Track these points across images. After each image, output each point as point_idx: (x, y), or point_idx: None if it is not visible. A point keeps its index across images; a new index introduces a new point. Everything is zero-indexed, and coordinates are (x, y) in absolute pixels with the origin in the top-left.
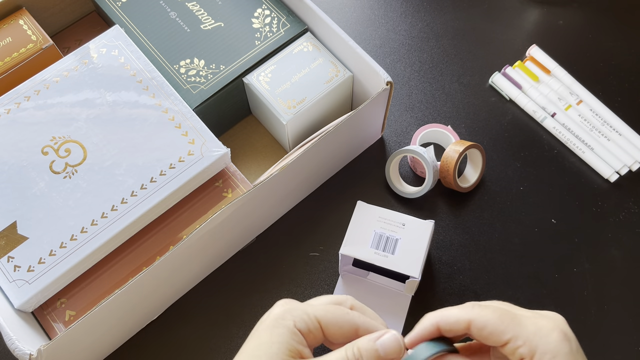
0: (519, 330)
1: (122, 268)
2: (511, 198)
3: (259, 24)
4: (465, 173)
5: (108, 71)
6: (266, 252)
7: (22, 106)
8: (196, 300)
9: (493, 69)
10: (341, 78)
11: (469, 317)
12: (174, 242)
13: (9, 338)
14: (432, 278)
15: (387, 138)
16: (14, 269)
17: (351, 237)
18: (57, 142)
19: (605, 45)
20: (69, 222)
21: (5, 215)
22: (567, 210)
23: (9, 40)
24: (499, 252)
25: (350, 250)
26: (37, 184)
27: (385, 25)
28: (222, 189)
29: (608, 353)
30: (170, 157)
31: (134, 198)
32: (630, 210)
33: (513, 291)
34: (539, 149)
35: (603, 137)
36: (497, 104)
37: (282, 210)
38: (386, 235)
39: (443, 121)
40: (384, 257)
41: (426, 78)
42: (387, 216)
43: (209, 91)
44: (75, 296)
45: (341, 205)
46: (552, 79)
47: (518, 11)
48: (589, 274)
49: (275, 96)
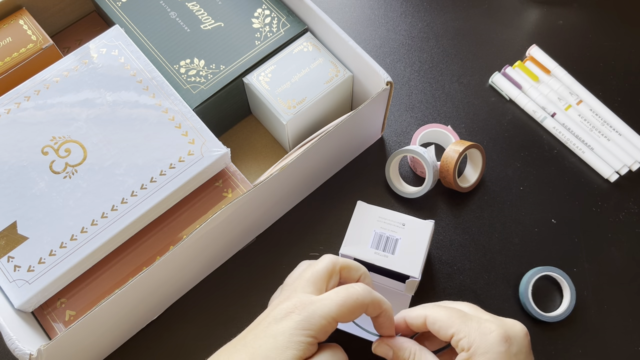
0: (463, 327)
1: (122, 268)
2: (511, 198)
3: (259, 24)
4: (465, 173)
5: (108, 71)
6: (266, 252)
7: (22, 106)
8: (196, 300)
9: (493, 69)
10: (341, 78)
11: (425, 313)
12: (174, 242)
13: (9, 338)
14: (432, 278)
15: (387, 138)
16: (14, 269)
17: (351, 237)
18: (57, 142)
19: (605, 45)
20: (69, 222)
21: (5, 215)
22: (567, 210)
23: (9, 40)
24: (499, 252)
25: (350, 250)
26: (37, 184)
27: (385, 25)
28: (222, 189)
29: (608, 353)
30: (170, 157)
31: (134, 198)
32: (630, 210)
33: (513, 291)
34: (539, 149)
35: (603, 137)
36: (497, 104)
37: (282, 210)
38: (386, 235)
39: (443, 121)
40: (384, 257)
41: (426, 78)
42: (387, 216)
43: (209, 91)
44: (75, 296)
45: (341, 205)
46: (552, 79)
47: (518, 11)
48: (589, 274)
49: (275, 96)
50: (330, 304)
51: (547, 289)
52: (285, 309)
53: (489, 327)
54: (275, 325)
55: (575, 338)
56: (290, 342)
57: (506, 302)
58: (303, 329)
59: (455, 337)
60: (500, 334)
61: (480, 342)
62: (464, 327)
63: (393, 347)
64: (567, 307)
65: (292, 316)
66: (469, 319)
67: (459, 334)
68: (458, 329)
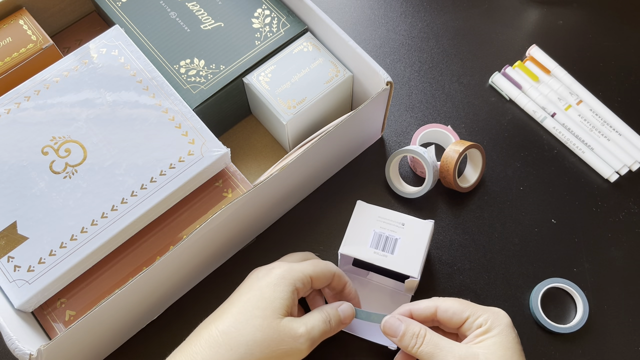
0: (476, 310)
1: (122, 268)
2: (511, 198)
3: (259, 24)
4: (465, 173)
5: (108, 71)
6: (266, 252)
7: (22, 106)
8: (196, 300)
9: (493, 69)
10: (341, 78)
11: (436, 304)
12: (174, 242)
13: (9, 338)
14: (432, 278)
15: (387, 138)
16: (14, 269)
17: (351, 236)
18: (57, 142)
19: (605, 45)
20: (69, 222)
21: (5, 215)
22: (567, 210)
23: (9, 40)
24: (499, 252)
25: (349, 250)
26: (37, 184)
27: (385, 25)
28: (222, 189)
29: (608, 353)
30: (170, 157)
31: (134, 198)
32: (630, 210)
33: (513, 291)
34: (539, 149)
35: (603, 137)
36: (497, 104)
37: (282, 210)
38: (386, 235)
39: (443, 121)
40: (383, 256)
41: (426, 78)
42: (386, 216)
43: (209, 91)
44: (75, 296)
45: (341, 205)
46: (552, 79)
47: (518, 11)
48: (589, 274)
49: (275, 96)
50: (306, 264)
51: (554, 297)
52: (265, 269)
53: (498, 312)
54: (257, 282)
55: (575, 338)
56: (276, 291)
57: (506, 302)
58: (284, 278)
59: (471, 318)
60: (508, 318)
61: (495, 320)
62: (478, 310)
63: (404, 320)
64: (580, 319)
65: (273, 271)
66: (486, 308)
67: (474, 315)
68: (473, 312)
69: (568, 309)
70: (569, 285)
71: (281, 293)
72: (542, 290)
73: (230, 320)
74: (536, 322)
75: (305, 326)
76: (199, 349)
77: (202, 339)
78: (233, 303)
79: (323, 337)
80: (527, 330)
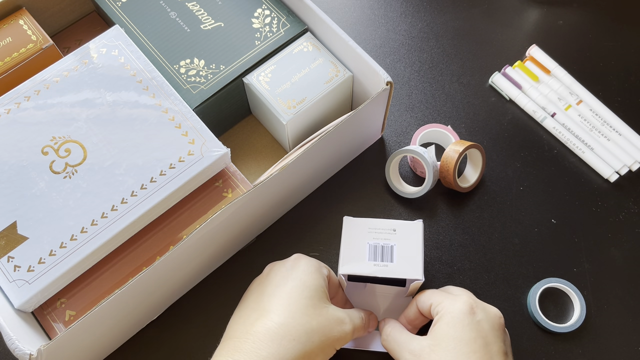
0: (439, 299)
1: (122, 268)
2: (511, 198)
3: (259, 24)
4: (465, 173)
5: (108, 71)
6: (266, 252)
7: (22, 106)
8: (196, 300)
9: (493, 69)
10: (341, 78)
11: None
12: (174, 242)
13: (9, 338)
14: (432, 278)
15: (387, 138)
16: (14, 269)
17: (346, 254)
18: (57, 142)
19: (605, 45)
20: (69, 222)
21: (5, 215)
22: (567, 210)
23: (9, 40)
24: (499, 252)
25: (348, 269)
26: (37, 184)
27: (385, 25)
28: (222, 189)
29: (608, 353)
30: (170, 157)
31: (134, 198)
32: (630, 210)
33: (513, 291)
34: (539, 149)
35: (603, 137)
36: (497, 104)
37: (282, 210)
38: (381, 245)
39: (443, 121)
40: (384, 267)
41: (426, 78)
42: (376, 225)
43: (209, 91)
44: (75, 296)
45: (341, 205)
46: (552, 79)
47: (518, 11)
48: (589, 274)
49: (275, 96)
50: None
51: (553, 296)
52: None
53: (462, 299)
54: (291, 271)
55: (575, 338)
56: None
57: (506, 302)
58: (315, 266)
59: (432, 307)
60: (468, 303)
61: (448, 307)
62: (440, 299)
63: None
64: (578, 319)
65: (301, 260)
66: (448, 296)
67: (435, 303)
68: (435, 300)
69: (567, 309)
70: (565, 285)
71: (319, 280)
72: (540, 290)
73: (283, 312)
74: (535, 322)
75: (347, 315)
76: (260, 345)
77: (259, 334)
78: (275, 295)
79: (357, 331)
80: (526, 330)
